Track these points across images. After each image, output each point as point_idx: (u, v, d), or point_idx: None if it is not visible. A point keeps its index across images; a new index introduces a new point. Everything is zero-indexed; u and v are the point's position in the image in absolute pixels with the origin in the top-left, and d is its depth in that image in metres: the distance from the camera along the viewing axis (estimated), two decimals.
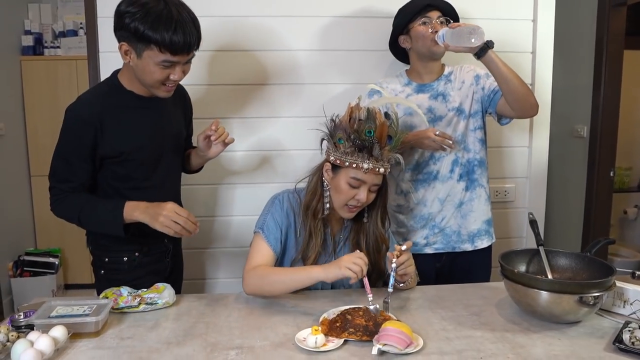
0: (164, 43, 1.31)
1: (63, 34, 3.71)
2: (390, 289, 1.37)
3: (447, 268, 1.84)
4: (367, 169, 1.39)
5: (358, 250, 1.38)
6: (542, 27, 2.16)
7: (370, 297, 1.32)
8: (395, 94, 1.80)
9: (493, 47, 1.56)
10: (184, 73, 1.42)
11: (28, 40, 3.62)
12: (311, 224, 1.48)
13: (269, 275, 1.42)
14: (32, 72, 3.59)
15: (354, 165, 1.39)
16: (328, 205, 1.49)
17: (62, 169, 1.46)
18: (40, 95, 3.58)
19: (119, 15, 1.35)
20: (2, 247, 3.20)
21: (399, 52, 1.87)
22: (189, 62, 1.42)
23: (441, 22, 1.69)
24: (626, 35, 2.84)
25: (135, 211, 1.42)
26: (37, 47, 3.66)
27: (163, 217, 1.39)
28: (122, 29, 1.34)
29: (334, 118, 1.45)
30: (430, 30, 1.68)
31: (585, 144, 3.00)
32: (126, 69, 1.47)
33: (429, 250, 1.81)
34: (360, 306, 1.32)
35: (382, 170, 1.41)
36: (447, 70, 1.82)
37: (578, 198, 3.06)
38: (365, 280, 1.33)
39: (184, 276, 1.84)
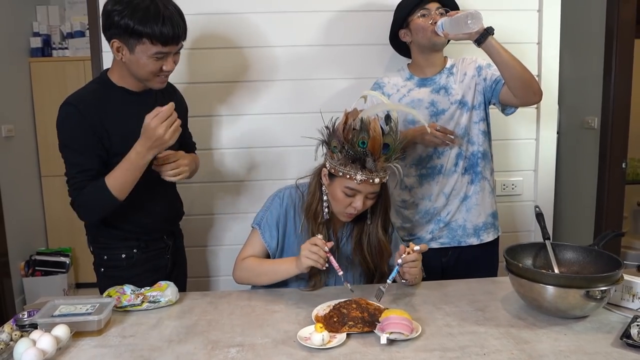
0: (154, 35, 1.36)
1: (71, 35, 3.74)
2: (389, 281, 1.37)
3: (453, 263, 1.82)
4: (360, 181, 1.36)
5: (316, 237, 1.39)
6: (548, 17, 2.12)
7: (340, 273, 1.37)
8: (397, 89, 1.79)
9: (493, 33, 1.53)
10: (175, 63, 1.48)
11: (36, 42, 3.65)
12: (312, 226, 1.49)
13: (255, 268, 1.51)
14: (41, 74, 3.62)
15: (348, 176, 1.37)
16: (327, 210, 1.49)
17: (77, 160, 1.43)
18: (49, 97, 3.59)
19: (107, 14, 1.39)
20: (13, 247, 3.23)
21: (400, 47, 1.85)
22: (178, 52, 1.47)
23: (440, 14, 1.66)
24: (637, 23, 2.78)
25: (141, 158, 1.38)
26: (46, 49, 3.69)
27: (155, 135, 1.35)
28: (112, 27, 1.38)
29: (329, 125, 1.42)
30: (429, 22, 1.66)
31: (596, 135, 2.95)
32: (116, 65, 1.49)
33: (434, 245, 1.79)
34: (349, 299, 1.33)
35: (376, 180, 1.38)
36: (449, 63, 1.79)
37: (589, 191, 3.01)
38: (331, 259, 1.37)
39: (188, 274, 1.84)
